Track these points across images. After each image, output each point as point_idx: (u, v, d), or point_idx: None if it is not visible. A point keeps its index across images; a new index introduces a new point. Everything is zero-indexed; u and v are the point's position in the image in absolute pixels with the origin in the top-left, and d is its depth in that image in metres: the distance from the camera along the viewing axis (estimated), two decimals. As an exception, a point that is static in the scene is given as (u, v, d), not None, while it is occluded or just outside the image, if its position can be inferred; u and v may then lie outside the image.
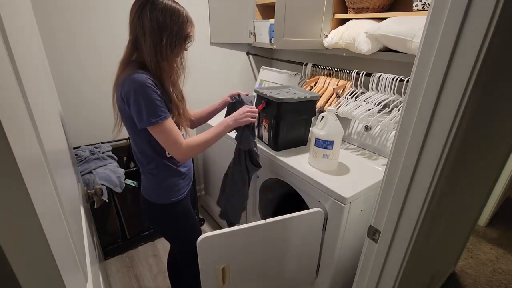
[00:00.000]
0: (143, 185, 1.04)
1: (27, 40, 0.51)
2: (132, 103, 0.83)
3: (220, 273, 0.98)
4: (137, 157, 1.01)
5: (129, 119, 0.90)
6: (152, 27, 0.82)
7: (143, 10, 0.81)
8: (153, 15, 0.81)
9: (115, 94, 0.93)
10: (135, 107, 0.84)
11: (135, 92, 0.82)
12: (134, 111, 0.85)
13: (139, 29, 0.83)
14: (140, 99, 0.82)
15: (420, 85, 0.58)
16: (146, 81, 0.83)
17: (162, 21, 0.82)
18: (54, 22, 1.42)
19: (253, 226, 0.99)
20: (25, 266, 0.30)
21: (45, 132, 0.44)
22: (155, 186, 1.01)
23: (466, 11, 0.48)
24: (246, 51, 2.17)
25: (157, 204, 1.03)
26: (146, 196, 1.03)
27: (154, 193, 1.02)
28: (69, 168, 0.77)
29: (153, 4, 0.81)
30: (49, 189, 0.39)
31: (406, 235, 0.70)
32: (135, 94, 0.82)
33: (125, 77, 0.84)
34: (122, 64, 0.91)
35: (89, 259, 0.66)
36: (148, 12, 0.81)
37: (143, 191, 1.05)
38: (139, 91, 0.82)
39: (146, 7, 0.81)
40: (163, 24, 0.83)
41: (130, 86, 0.82)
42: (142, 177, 1.04)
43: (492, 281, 1.67)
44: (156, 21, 0.82)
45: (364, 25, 1.35)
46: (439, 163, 0.59)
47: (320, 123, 1.17)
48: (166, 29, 0.84)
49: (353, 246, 1.18)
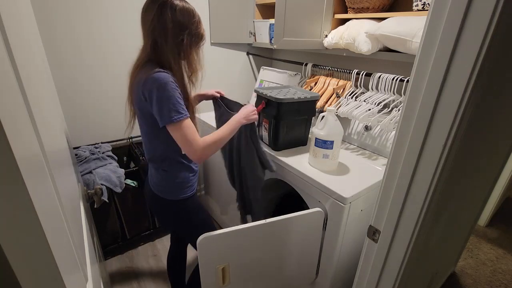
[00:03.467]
0: (155, 182, 1.04)
1: (27, 40, 0.51)
2: (154, 101, 0.84)
3: (220, 273, 0.98)
4: (151, 154, 1.01)
5: (148, 117, 0.91)
6: (174, 28, 0.85)
7: (163, 12, 0.84)
8: (174, 16, 0.84)
9: (132, 93, 0.93)
10: (157, 104, 0.85)
11: (158, 90, 0.83)
12: (156, 108, 0.85)
13: (159, 30, 0.85)
14: (163, 97, 0.84)
15: (420, 85, 0.58)
16: (169, 79, 0.85)
17: (182, 21, 0.86)
18: (54, 22, 1.42)
19: (253, 226, 0.99)
20: (25, 266, 0.30)
21: (45, 132, 0.44)
22: (169, 183, 1.02)
23: (466, 11, 0.48)
24: (246, 51, 2.17)
25: (170, 200, 1.04)
26: (159, 193, 1.04)
27: (167, 190, 1.03)
28: (69, 168, 0.77)
29: (172, 6, 0.84)
30: (49, 189, 0.39)
31: (406, 235, 0.70)
32: (158, 92, 0.83)
33: (147, 76, 0.85)
34: (138, 64, 0.92)
35: (89, 259, 0.66)
36: (169, 14, 0.84)
37: (154, 188, 1.05)
38: (162, 89, 0.83)
39: (166, 9, 0.83)
40: (183, 24, 0.86)
41: (154, 84, 0.84)
42: (154, 175, 1.04)
43: (492, 281, 1.67)
44: (177, 22, 0.85)
45: (364, 25, 1.35)
46: (439, 163, 0.59)
47: (320, 123, 1.17)
48: (185, 28, 0.87)
49: (353, 246, 1.18)
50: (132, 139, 1.84)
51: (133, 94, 0.93)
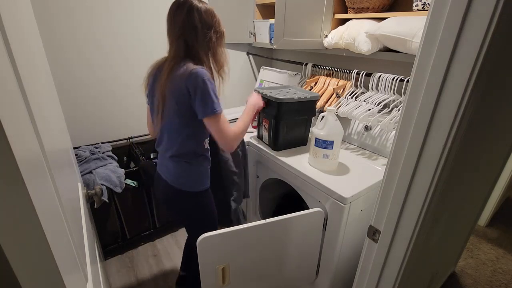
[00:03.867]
0: (175, 176, 1.06)
1: (27, 40, 0.51)
2: (199, 94, 0.91)
3: (220, 273, 0.98)
4: (176, 148, 1.03)
5: (184, 110, 0.96)
6: (202, 28, 0.94)
7: (191, 15, 0.92)
8: (200, 17, 0.93)
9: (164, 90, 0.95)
10: (202, 97, 0.91)
11: (204, 83, 0.90)
12: (199, 101, 0.91)
13: (189, 31, 0.93)
14: (207, 90, 0.91)
15: (420, 85, 0.58)
16: (209, 75, 0.93)
17: (207, 21, 0.95)
18: (55, 21, 1.42)
19: (253, 226, 0.99)
20: (25, 266, 0.30)
21: (45, 132, 0.44)
22: (191, 175, 1.07)
23: (466, 11, 0.48)
24: (246, 51, 2.17)
25: (190, 192, 1.07)
26: (179, 186, 1.06)
27: (189, 183, 1.07)
28: (69, 168, 0.77)
29: (198, 9, 0.93)
30: (49, 189, 0.39)
31: (406, 235, 0.70)
32: (204, 86, 0.90)
33: (191, 71, 0.90)
34: (172, 61, 0.96)
35: (89, 259, 0.66)
36: (197, 15, 0.92)
37: (174, 182, 1.06)
38: (207, 84, 0.91)
39: (193, 12, 0.92)
40: (209, 24, 0.96)
41: (198, 78, 0.90)
42: (173, 169, 1.05)
43: (492, 281, 1.67)
44: (204, 22, 0.94)
45: (364, 25, 1.35)
46: (439, 163, 0.59)
47: (320, 123, 1.17)
48: (211, 27, 0.96)
49: (353, 246, 1.18)
50: (132, 139, 1.84)
51: (167, 90, 0.95)
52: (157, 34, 1.73)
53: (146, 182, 1.67)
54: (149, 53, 1.74)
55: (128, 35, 1.64)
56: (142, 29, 1.68)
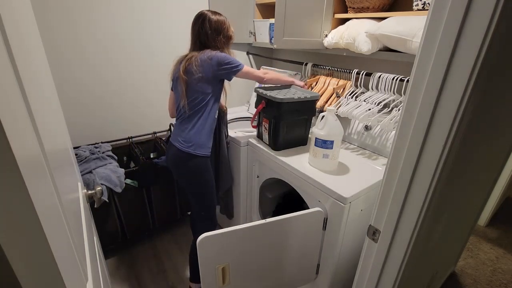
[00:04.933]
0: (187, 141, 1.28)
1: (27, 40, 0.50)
2: (225, 63, 1.24)
3: (220, 272, 0.98)
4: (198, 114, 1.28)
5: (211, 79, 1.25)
6: (212, 33, 1.27)
7: (204, 24, 1.26)
8: (211, 25, 1.26)
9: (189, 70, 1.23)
10: (228, 65, 1.24)
11: (226, 57, 1.25)
12: (227, 67, 1.25)
13: (203, 35, 1.27)
14: (231, 60, 1.25)
15: (420, 85, 0.58)
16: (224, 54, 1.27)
17: (216, 28, 1.27)
18: (55, 21, 1.42)
19: (253, 226, 0.99)
20: (25, 266, 0.30)
21: (45, 132, 0.44)
22: (201, 138, 1.29)
23: (466, 11, 0.48)
24: (246, 50, 2.17)
25: (198, 155, 1.29)
26: (186, 149, 1.27)
27: (198, 145, 1.28)
28: (69, 168, 0.77)
29: (210, 19, 1.26)
30: (49, 189, 0.39)
31: (406, 235, 0.70)
32: (227, 58, 1.24)
33: (213, 54, 1.23)
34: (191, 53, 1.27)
35: (89, 259, 0.66)
36: (208, 24, 1.26)
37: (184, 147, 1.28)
38: (220, 55, 1.24)
39: (205, 21, 1.26)
40: (218, 30, 1.28)
41: (221, 55, 1.24)
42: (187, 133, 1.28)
43: (492, 281, 1.67)
44: (213, 29, 1.27)
45: (364, 24, 1.35)
46: (439, 163, 0.59)
47: (320, 123, 1.17)
48: (220, 33, 1.29)
49: (353, 245, 1.18)
50: (132, 139, 1.84)
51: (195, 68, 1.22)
52: (157, 34, 1.73)
53: (145, 182, 1.67)
54: (149, 53, 1.74)
55: (129, 34, 1.64)
56: (142, 29, 1.68)
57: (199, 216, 1.45)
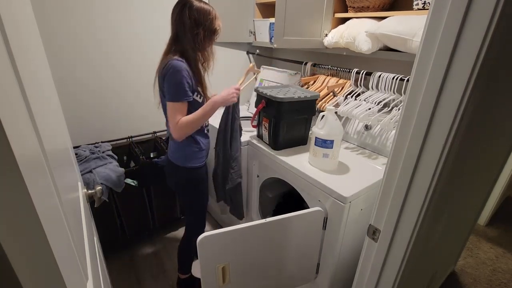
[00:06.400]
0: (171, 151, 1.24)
1: (27, 40, 0.50)
2: (167, 82, 1.04)
3: (220, 272, 0.99)
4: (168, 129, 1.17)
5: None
6: (191, 23, 1.05)
7: (183, 11, 1.04)
8: (191, 14, 1.04)
9: (158, 75, 1.12)
10: (167, 85, 1.05)
11: (171, 74, 1.03)
12: (166, 88, 1.06)
13: (179, 25, 1.05)
14: (172, 80, 1.03)
15: (420, 85, 0.58)
16: (182, 67, 1.04)
17: (197, 18, 1.05)
18: (54, 20, 1.42)
19: (253, 226, 0.99)
20: (26, 266, 0.31)
21: (45, 132, 0.44)
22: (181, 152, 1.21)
23: (467, 11, 0.48)
24: (246, 50, 2.17)
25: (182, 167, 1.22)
26: (174, 161, 1.23)
27: (181, 158, 1.21)
28: (69, 167, 0.77)
29: (190, 6, 1.04)
30: (49, 189, 0.39)
31: (406, 234, 0.70)
32: (171, 76, 1.03)
33: (167, 62, 1.04)
34: (164, 54, 1.12)
35: (89, 258, 0.66)
36: (187, 12, 1.03)
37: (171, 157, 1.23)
38: (174, 75, 1.03)
39: (185, 8, 1.03)
40: (198, 21, 1.05)
41: (170, 69, 1.03)
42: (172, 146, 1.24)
43: (492, 280, 1.67)
44: (193, 18, 1.04)
45: (364, 24, 1.35)
46: (439, 163, 0.59)
47: (320, 122, 1.17)
48: (201, 24, 1.06)
49: (353, 245, 1.19)
50: (132, 139, 1.84)
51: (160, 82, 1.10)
52: (157, 34, 1.72)
53: (145, 181, 1.67)
54: (149, 53, 1.74)
55: (129, 34, 1.64)
56: (142, 29, 1.67)
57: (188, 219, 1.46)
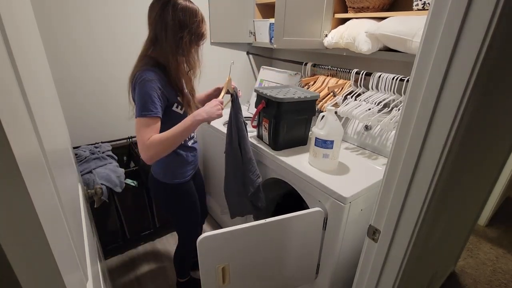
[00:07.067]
0: (153, 166, 1.16)
1: (27, 40, 0.50)
2: (135, 94, 0.93)
3: (220, 272, 0.98)
4: None
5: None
6: (174, 25, 0.89)
7: (165, 10, 0.88)
8: (175, 14, 0.88)
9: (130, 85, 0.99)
10: (135, 98, 0.93)
11: (139, 86, 0.91)
12: (135, 100, 0.94)
13: (160, 26, 0.89)
14: (140, 93, 0.90)
15: (420, 85, 0.58)
16: (152, 78, 0.91)
17: (182, 20, 0.90)
18: (54, 21, 1.42)
19: (253, 226, 0.99)
20: (25, 266, 0.30)
21: (45, 132, 0.44)
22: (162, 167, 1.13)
23: (466, 11, 0.48)
24: (246, 50, 2.17)
25: (164, 182, 1.14)
26: (155, 176, 1.15)
27: (161, 173, 1.13)
28: (69, 167, 0.77)
29: (174, 5, 0.88)
30: (49, 189, 0.39)
31: (406, 234, 0.70)
32: (139, 88, 0.91)
33: (137, 71, 0.93)
34: (139, 58, 0.99)
35: (89, 258, 0.66)
36: (171, 12, 0.88)
37: (153, 172, 1.16)
38: (142, 86, 0.90)
39: (168, 7, 0.88)
40: (183, 23, 0.90)
41: (138, 79, 0.91)
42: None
43: (492, 281, 1.67)
44: (177, 20, 0.89)
45: (364, 24, 1.35)
46: (439, 163, 0.59)
47: (320, 122, 1.17)
48: (186, 27, 0.91)
49: (353, 245, 1.18)
50: (132, 139, 1.84)
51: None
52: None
53: (145, 181, 1.67)
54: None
55: (128, 34, 1.64)
56: (142, 29, 1.67)
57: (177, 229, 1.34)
